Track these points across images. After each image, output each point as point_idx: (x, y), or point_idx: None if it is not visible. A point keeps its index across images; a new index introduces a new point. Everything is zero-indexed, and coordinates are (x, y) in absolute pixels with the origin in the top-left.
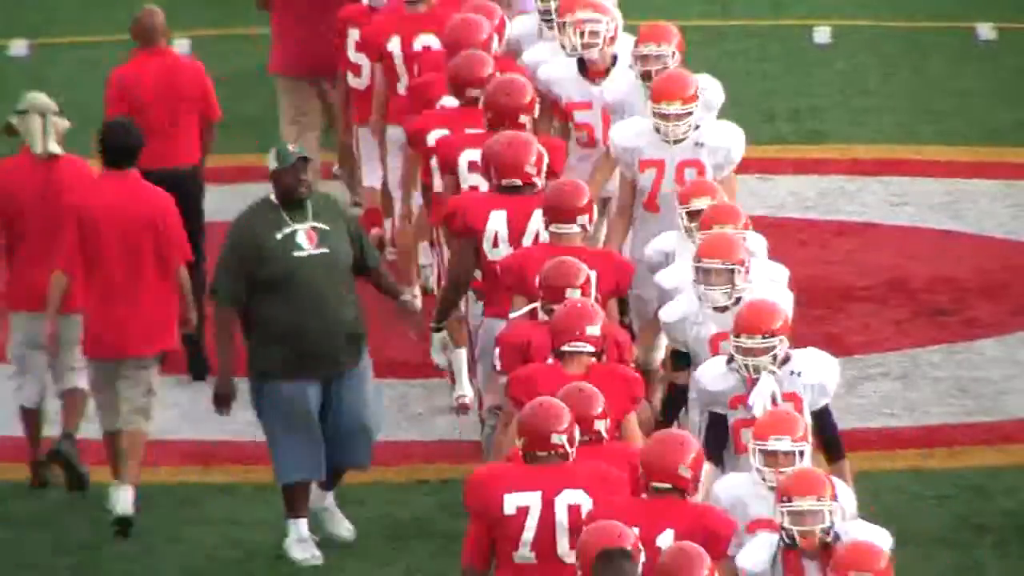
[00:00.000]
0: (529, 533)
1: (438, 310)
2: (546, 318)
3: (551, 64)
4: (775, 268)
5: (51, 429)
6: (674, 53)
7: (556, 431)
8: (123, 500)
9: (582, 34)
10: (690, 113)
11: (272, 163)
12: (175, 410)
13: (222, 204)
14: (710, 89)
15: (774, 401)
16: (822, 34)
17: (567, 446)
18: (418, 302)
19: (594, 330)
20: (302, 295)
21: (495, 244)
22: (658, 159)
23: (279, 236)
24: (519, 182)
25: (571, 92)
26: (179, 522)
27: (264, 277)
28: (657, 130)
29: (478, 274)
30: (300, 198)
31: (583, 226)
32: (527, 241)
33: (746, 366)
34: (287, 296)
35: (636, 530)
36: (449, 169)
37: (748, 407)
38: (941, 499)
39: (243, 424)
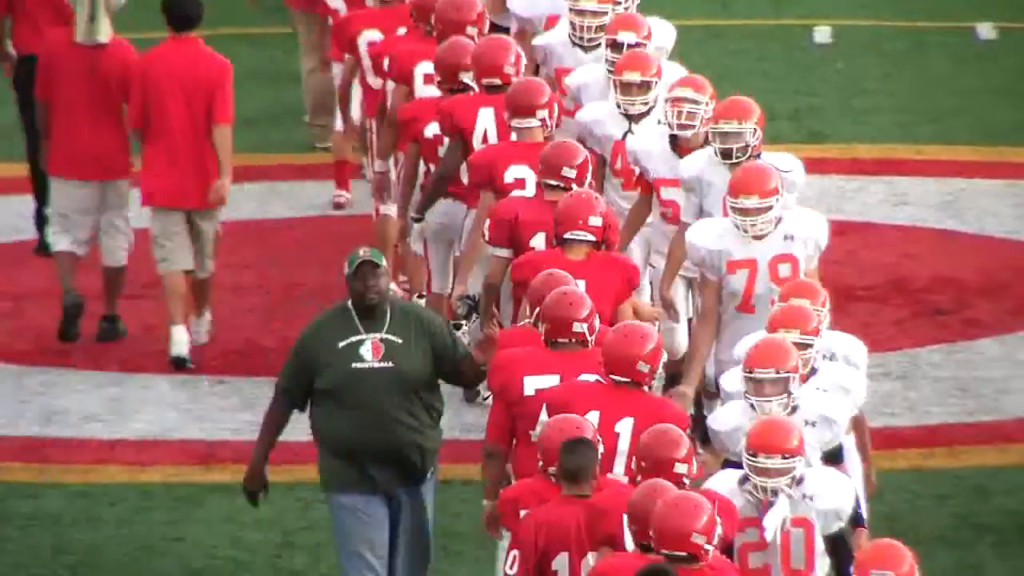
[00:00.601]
0: (546, 413)
1: (422, 203)
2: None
3: (642, 136)
4: (854, 345)
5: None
6: (755, 130)
7: (577, 319)
8: (201, 325)
9: (679, 113)
10: (769, 207)
11: (345, 268)
12: (175, 410)
13: None
14: (793, 170)
15: (784, 526)
16: (822, 34)
17: (587, 334)
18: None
19: (596, 220)
20: (359, 408)
21: (484, 141)
22: (749, 259)
23: (341, 344)
24: (498, 81)
25: (659, 167)
26: (179, 522)
27: (322, 386)
28: (736, 226)
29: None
30: (368, 304)
31: (543, 120)
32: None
33: (763, 488)
34: (344, 408)
35: (597, 414)
36: (404, 80)
37: (761, 530)
38: (941, 499)
39: (243, 424)
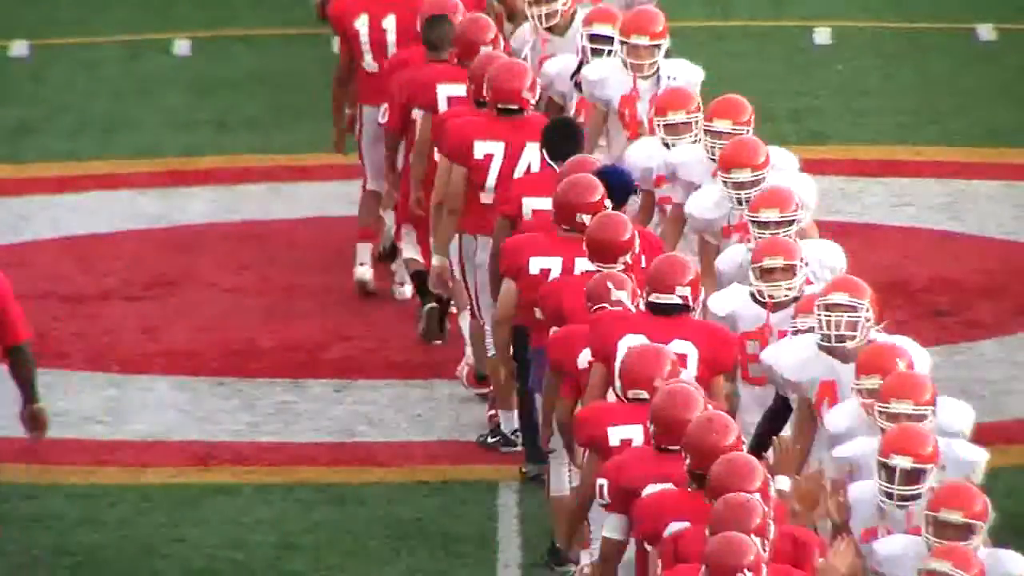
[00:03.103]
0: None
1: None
2: None
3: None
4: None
5: None
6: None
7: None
8: None
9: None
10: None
11: None
12: (175, 411)
13: (222, 204)
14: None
15: None
16: (822, 35)
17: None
18: None
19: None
20: None
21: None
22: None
23: None
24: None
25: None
26: (179, 523)
27: None
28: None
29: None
30: None
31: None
32: None
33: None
34: None
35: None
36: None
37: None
38: None
39: (243, 425)
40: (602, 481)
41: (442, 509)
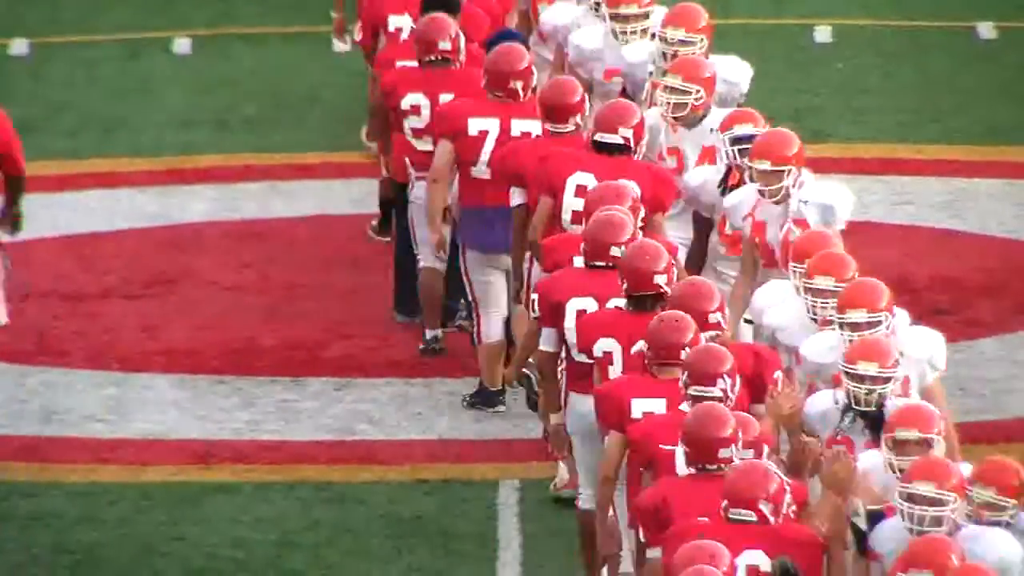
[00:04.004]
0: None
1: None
2: None
3: None
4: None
5: None
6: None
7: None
8: None
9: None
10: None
11: None
12: (175, 409)
13: (222, 204)
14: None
15: None
16: (823, 33)
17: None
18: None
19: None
20: None
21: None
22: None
23: None
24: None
25: None
26: (179, 522)
27: None
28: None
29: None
30: None
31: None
32: None
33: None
34: None
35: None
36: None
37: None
38: None
39: (243, 424)
40: (534, 296)
41: (442, 507)
